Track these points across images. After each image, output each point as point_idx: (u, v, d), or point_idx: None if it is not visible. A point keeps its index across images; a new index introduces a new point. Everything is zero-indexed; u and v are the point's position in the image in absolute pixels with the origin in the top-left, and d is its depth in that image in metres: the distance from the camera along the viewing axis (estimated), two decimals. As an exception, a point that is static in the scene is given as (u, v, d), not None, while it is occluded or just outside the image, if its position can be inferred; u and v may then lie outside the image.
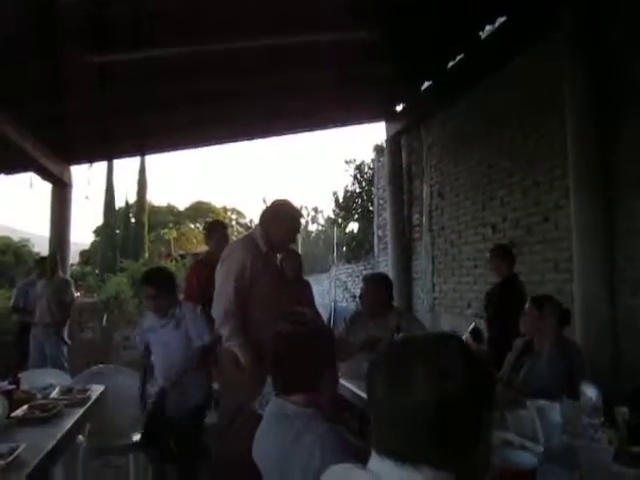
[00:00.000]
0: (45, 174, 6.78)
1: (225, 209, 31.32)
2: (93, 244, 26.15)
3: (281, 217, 3.08)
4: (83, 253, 25.65)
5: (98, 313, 12.32)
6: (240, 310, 2.89)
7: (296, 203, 3.33)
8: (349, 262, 10.88)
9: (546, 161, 4.85)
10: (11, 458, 1.67)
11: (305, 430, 1.49)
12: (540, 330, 3.07)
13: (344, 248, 11.94)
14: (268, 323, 2.85)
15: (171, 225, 27.93)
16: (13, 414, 2.25)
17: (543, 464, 1.75)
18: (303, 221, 16.83)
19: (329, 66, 5.65)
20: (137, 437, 3.35)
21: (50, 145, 6.30)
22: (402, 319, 3.54)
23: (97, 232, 25.15)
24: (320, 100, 6.62)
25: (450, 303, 6.38)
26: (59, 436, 2.02)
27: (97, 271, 20.82)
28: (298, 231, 3.36)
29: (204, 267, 4.14)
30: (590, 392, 2.92)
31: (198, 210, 30.73)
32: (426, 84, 6.85)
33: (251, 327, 2.88)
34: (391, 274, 7.47)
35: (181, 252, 20.62)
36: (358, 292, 9.68)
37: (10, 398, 2.32)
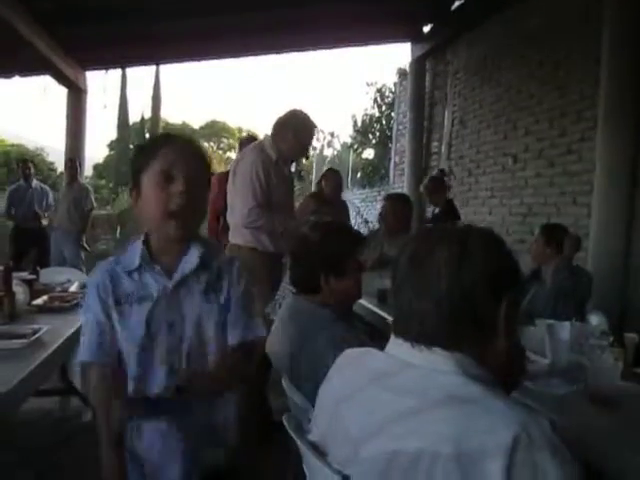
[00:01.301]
0: (60, 77, 6.68)
1: (240, 129, 30.90)
2: (106, 158, 26.09)
3: (291, 126, 2.98)
4: (97, 167, 25.66)
5: (112, 225, 12.52)
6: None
7: (291, 110, 3.15)
8: (363, 187, 10.81)
9: (576, 90, 4.68)
10: (34, 337, 1.74)
11: (320, 328, 1.53)
12: (547, 257, 3.08)
13: (359, 173, 11.82)
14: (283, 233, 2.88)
15: (185, 143, 27.65)
16: (33, 302, 2.32)
17: (548, 376, 1.80)
18: (319, 144, 16.56)
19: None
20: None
21: (64, 47, 6.14)
22: None
23: (111, 146, 25.02)
24: (344, 15, 6.32)
25: (462, 232, 6.38)
26: (78, 324, 2.08)
27: (111, 185, 20.94)
28: (309, 143, 3.17)
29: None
30: (595, 320, 2.96)
31: (213, 129, 30.35)
32: (457, 3, 6.53)
33: (263, 235, 2.90)
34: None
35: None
36: (371, 217, 9.68)
37: (30, 287, 2.39)
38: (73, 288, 2.73)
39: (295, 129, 2.99)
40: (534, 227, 5.00)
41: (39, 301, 2.35)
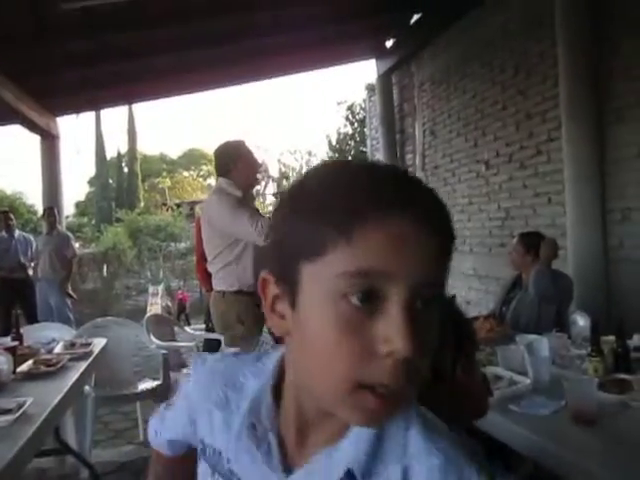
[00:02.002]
0: (31, 126, 6.67)
1: (218, 155, 30.94)
2: (88, 195, 26.04)
3: (230, 157, 2.98)
4: (79, 204, 25.59)
5: (98, 264, 12.48)
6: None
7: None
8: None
9: (538, 92, 4.78)
10: (19, 413, 1.73)
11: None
12: (527, 265, 3.12)
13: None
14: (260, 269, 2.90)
15: (165, 174, 27.72)
16: (18, 369, 2.31)
17: (531, 395, 1.83)
18: (297, 164, 16.69)
19: (314, 2, 5.47)
20: (143, 386, 3.46)
21: (34, 95, 6.16)
22: None
23: (91, 183, 25.00)
24: (308, 39, 6.43)
25: (445, 241, 6.43)
26: (65, 390, 2.07)
27: (93, 222, 20.89)
28: (255, 160, 3.12)
29: None
30: (582, 321, 3.01)
31: (191, 157, 30.40)
32: (416, 17, 6.65)
33: (246, 273, 2.91)
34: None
35: (177, 201, 20.59)
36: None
37: (14, 354, 2.38)
38: (58, 349, 2.72)
39: (239, 156, 2.99)
40: (514, 230, 5.09)
41: (24, 367, 2.34)
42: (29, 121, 6.37)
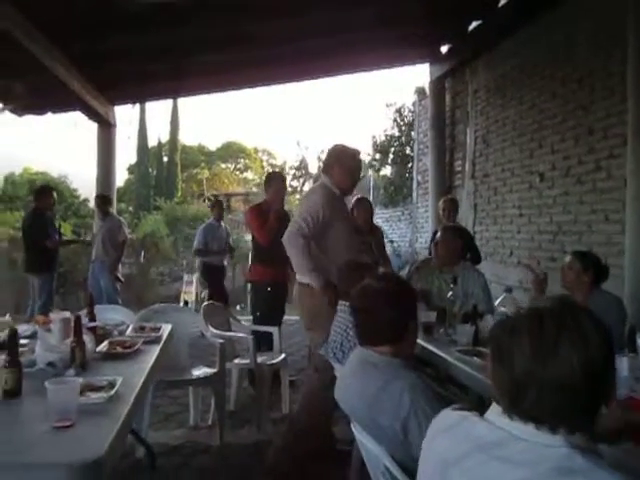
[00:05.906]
0: (91, 113, 6.87)
1: (256, 150, 31.21)
2: (127, 182, 26.49)
3: (333, 159, 3.29)
4: (117, 190, 26.03)
5: (135, 250, 12.70)
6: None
7: (330, 145, 3.46)
8: (386, 207, 10.82)
9: (602, 107, 4.70)
10: (113, 391, 1.80)
11: (394, 377, 1.59)
12: (582, 285, 3.02)
13: (381, 191, 11.85)
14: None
15: (203, 165, 28.05)
16: (98, 349, 2.40)
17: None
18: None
19: (371, 4, 5.48)
20: (197, 372, 3.55)
21: (95, 84, 6.34)
22: (462, 271, 3.51)
23: (130, 170, 25.42)
24: (362, 41, 6.45)
25: (492, 251, 6.39)
26: (147, 371, 2.15)
27: (131, 208, 21.29)
28: (355, 169, 3.39)
29: (262, 213, 4.48)
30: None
31: (229, 150, 30.66)
32: (474, 24, 6.62)
33: (325, 270, 3.02)
34: (431, 221, 7.50)
35: (214, 192, 20.81)
36: (395, 237, 9.74)
37: (95, 333, 2.48)
38: (129, 332, 2.82)
39: (337, 161, 3.26)
40: (565, 245, 5.04)
41: (102, 347, 2.43)
42: (90, 109, 6.57)
